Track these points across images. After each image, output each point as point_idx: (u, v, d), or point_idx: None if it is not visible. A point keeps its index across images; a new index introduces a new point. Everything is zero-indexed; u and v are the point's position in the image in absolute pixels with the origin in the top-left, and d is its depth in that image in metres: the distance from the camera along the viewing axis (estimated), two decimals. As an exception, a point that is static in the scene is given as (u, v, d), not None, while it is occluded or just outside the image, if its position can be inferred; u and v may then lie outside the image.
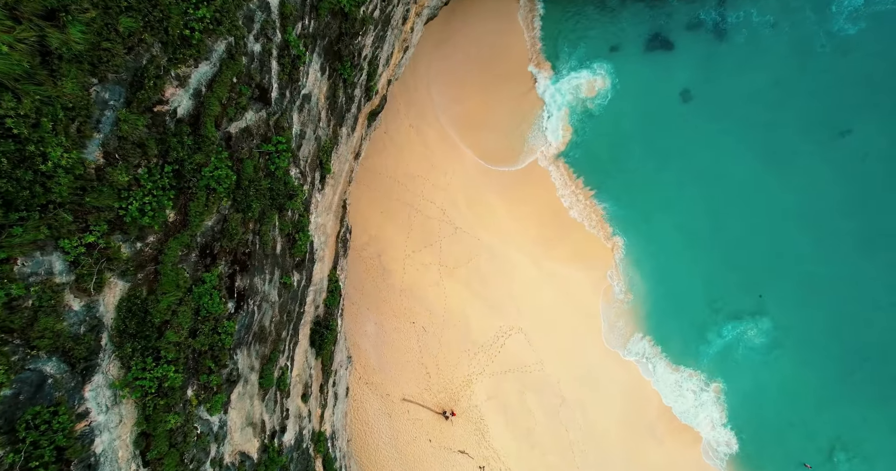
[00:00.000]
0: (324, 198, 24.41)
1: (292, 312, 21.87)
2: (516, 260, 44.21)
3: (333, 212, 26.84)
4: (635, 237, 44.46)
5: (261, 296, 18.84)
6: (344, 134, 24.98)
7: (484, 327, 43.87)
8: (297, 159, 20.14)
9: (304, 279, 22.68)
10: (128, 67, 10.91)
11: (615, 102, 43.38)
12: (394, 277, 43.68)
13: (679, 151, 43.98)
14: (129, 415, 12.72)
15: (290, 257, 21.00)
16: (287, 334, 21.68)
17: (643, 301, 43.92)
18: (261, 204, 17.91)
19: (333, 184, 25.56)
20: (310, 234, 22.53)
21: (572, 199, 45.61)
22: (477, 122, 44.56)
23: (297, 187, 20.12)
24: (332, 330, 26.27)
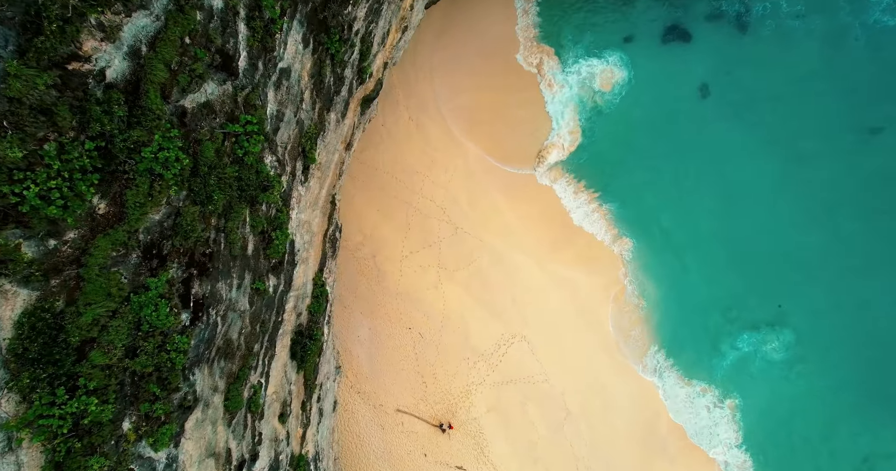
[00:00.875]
0: (308, 192, 21.47)
1: (267, 322, 18.94)
2: (520, 263, 41.28)
3: (320, 208, 23.91)
4: (646, 241, 41.54)
5: (226, 304, 15.91)
6: (332, 120, 22.05)
7: (485, 334, 40.95)
8: (272, 145, 17.21)
9: (282, 284, 19.75)
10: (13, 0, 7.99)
11: (628, 97, 40.48)
12: (389, 279, 40.78)
13: (695, 150, 41.07)
14: (33, 463, 9.79)
15: (264, 259, 18.07)
16: (261, 348, 18.74)
17: (654, 309, 40.99)
18: (226, 196, 14.99)
19: (320, 176, 22.62)
20: (289, 232, 19.61)
21: (578, 203, 42.74)
22: (481, 116, 41.63)
23: (272, 178, 17.20)
24: (317, 340, 23.34)
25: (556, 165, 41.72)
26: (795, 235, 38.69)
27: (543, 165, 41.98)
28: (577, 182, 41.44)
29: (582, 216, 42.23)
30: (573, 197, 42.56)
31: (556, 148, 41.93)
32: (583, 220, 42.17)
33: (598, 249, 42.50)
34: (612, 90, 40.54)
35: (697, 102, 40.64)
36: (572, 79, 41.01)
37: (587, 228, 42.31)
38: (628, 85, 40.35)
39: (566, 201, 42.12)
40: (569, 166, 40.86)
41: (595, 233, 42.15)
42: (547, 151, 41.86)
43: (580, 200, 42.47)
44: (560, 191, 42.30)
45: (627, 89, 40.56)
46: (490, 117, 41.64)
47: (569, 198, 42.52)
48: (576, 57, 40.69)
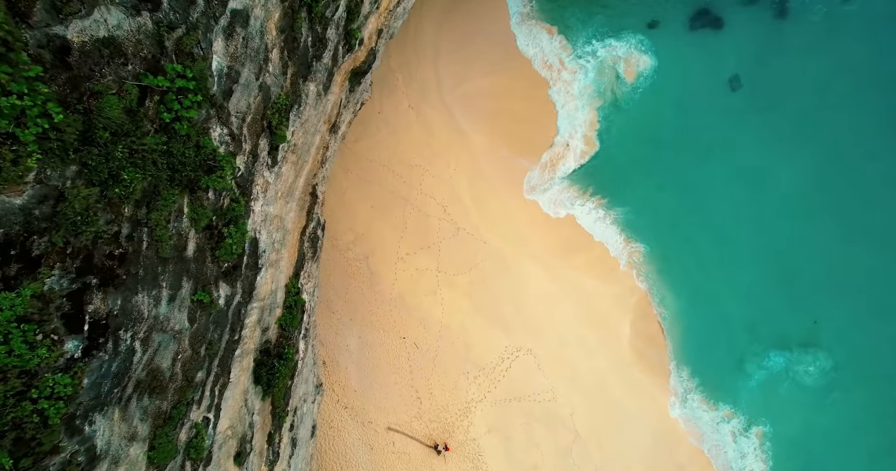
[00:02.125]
0: (279, 179, 17.20)
1: (217, 343, 14.67)
2: (527, 269, 37.01)
3: (297, 200, 19.64)
4: (666, 249, 37.26)
5: (149, 324, 11.65)
6: (311, 92, 17.79)
7: (487, 347, 36.69)
8: (222, 113, 12.94)
9: (239, 293, 15.47)
10: None
11: (651, 91, 36.17)
12: (383, 283, 36.55)
13: (722, 149, 36.83)
14: None
15: (212, 262, 13.81)
16: (207, 375, 14.48)
17: (675, 323, 36.72)
18: (147, 176, 10.74)
19: (296, 162, 18.34)
20: (249, 228, 15.34)
21: (589, 208, 38.50)
22: (490, 105, 37.35)
23: (222, 157, 12.94)
24: (288, 360, 19.05)
25: (566, 180, 37.36)
26: (837, 245, 34.45)
27: (554, 180, 37.65)
28: (589, 191, 37.16)
29: (594, 222, 37.92)
30: (584, 202, 38.27)
31: (562, 160, 37.59)
32: (595, 225, 37.86)
33: (613, 256, 38.28)
34: (636, 81, 36.24)
35: (727, 96, 36.43)
36: (588, 64, 36.67)
37: (600, 234, 38.03)
38: (652, 76, 36.07)
39: (579, 214, 37.95)
40: (582, 176, 36.60)
41: (609, 239, 37.87)
42: (555, 160, 37.53)
43: (591, 204, 38.17)
44: (573, 206, 38.09)
45: (651, 81, 36.26)
46: (500, 107, 37.37)
47: (580, 206, 38.27)
48: (588, 39, 36.36)
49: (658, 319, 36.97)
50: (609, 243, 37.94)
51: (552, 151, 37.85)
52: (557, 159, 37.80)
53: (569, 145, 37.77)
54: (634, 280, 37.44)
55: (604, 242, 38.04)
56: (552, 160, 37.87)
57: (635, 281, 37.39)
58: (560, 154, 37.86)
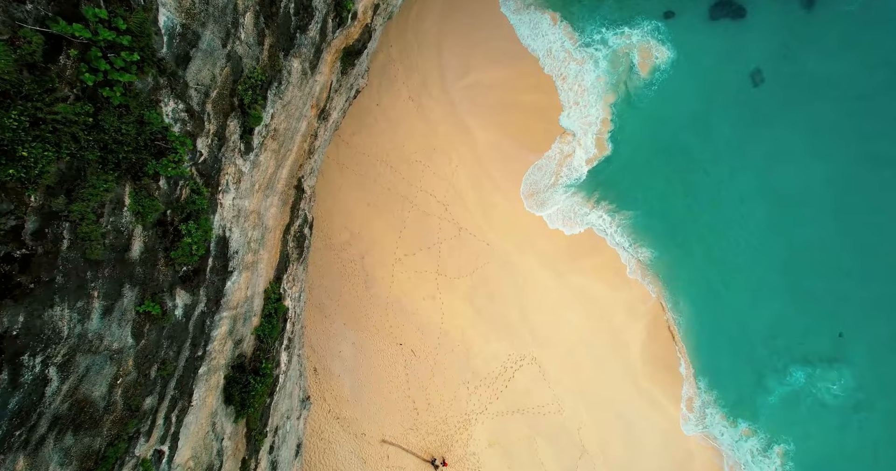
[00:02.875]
0: (256, 169, 14.65)
1: (172, 361, 12.12)
2: (533, 273, 34.45)
3: (278, 194, 17.09)
4: (681, 255, 34.68)
5: (71, 344, 9.11)
6: (296, 70, 15.24)
7: (488, 355, 34.15)
8: (176, 83, 10.39)
9: (203, 302, 12.92)
10: None
11: (667, 85, 33.61)
12: (379, 285, 34.03)
13: (741, 148, 34.25)
14: None
15: (165, 265, 11.27)
16: (158, 401, 11.93)
17: (689, 334, 34.15)
18: (63, 154, 8.21)
19: (277, 150, 15.79)
20: (215, 225, 12.79)
21: (600, 213, 35.93)
22: (496, 98, 34.79)
23: (175, 137, 10.38)
24: (266, 375, 16.49)
25: (571, 187, 34.75)
26: (866, 254, 31.89)
27: (557, 187, 35.03)
28: (595, 197, 34.59)
29: (605, 226, 35.33)
30: (589, 211, 35.65)
31: (569, 164, 34.94)
32: (606, 230, 35.29)
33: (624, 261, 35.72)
34: (651, 75, 33.62)
35: (748, 91, 33.87)
36: (599, 54, 34.05)
37: (612, 240, 35.46)
38: (668, 70, 33.46)
39: (597, 228, 35.37)
40: (590, 181, 34.02)
41: (620, 244, 35.31)
42: (560, 165, 34.90)
43: (599, 212, 35.55)
44: (585, 218, 35.49)
45: (667, 76, 33.66)
46: (507, 101, 34.80)
47: (589, 215, 35.68)
48: (597, 27, 33.70)
49: (671, 329, 34.41)
50: (619, 248, 35.38)
51: (557, 155, 35.23)
52: (562, 164, 35.20)
53: (576, 148, 35.18)
54: (647, 287, 34.87)
55: (614, 247, 35.48)
56: (557, 165, 35.26)
57: (647, 288, 34.82)
58: (566, 157, 35.27)
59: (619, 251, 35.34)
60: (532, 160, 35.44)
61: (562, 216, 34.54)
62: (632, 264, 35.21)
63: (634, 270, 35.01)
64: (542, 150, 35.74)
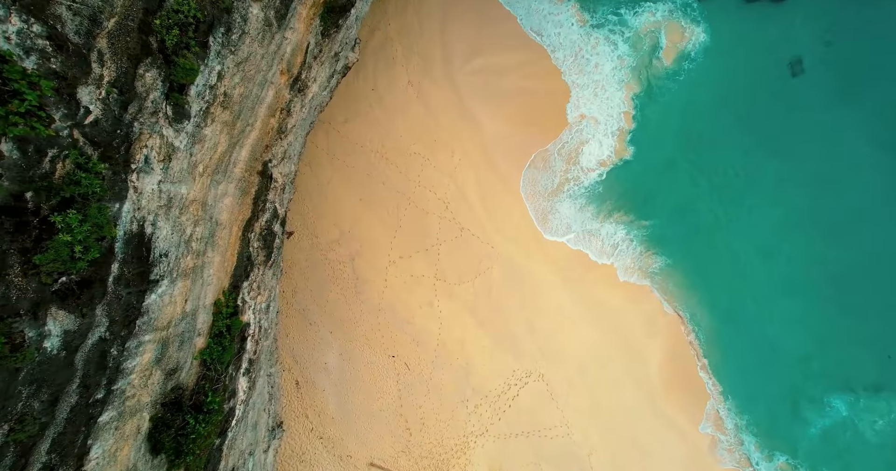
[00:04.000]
0: (198, 144, 10.85)
1: (42, 415, 8.29)
2: (542, 280, 30.63)
3: (237, 181, 13.28)
4: (706, 265, 30.82)
5: None
6: (255, 16, 11.46)
7: (491, 370, 30.33)
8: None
9: (105, 324, 9.10)
10: None
11: (696, 73, 29.79)
12: (371, 290, 30.27)
13: (775, 147, 30.38)
14: None
15: (23, 276, 7.43)
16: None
17: (715, 351, 30.31)
18: None
19: (230, 122, 11.98)
20: (125, 216, 8.95)
21: (615, 225, 32.02)
22: (506, 85, 30.98)
23: (20, 74, 6.53)
24: (213, 413, 12.66)
25: (581, 197, 30.88)
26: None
27: (561, 196, 31.12)
28: (608, 207, 30.76)
29: (622, 235, 31.47)
30: (601, 224, 31.76)
31: (579, 168, 31.02)
32: (622, 238, 31.43)
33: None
34: (678, 64, 29.76)
35: (785, 83, 30.02)
36: (617, 37, 30.13)
37: (626, 247, 31.62)
38: (696, 58, 29.60)
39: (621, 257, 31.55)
40: (604, 189, 30.21)
41: (637, 252, 31.46)
42: (566, 171, 30.99)
43: (612, 225, 31.64)
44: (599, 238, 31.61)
45: (695, 64, 29.79)
46: (518, 88, 30.98)
47: (600, 226, 31.81)
48: (614, 7, 29.79)
49: (694, 346, 30.55)
50: (638, 256, 31.54)
51: (568, 152, 31.34)
52: (571, 162, 31.29)
53: (591, 145, 31.25)
54: (665, 299, 31.01)
55: (634, 253, 31.64)
56: (566, 163, 31.35)
57: (668, 300, 30.96)
58: (577, 156, 31.34)
59: (637, 256, 31.51)
60: (543, 156, 31.58)
61: (572, 233, 30.74)
62: (651, 275, 31.36)
63: (655, 281, 31.15)
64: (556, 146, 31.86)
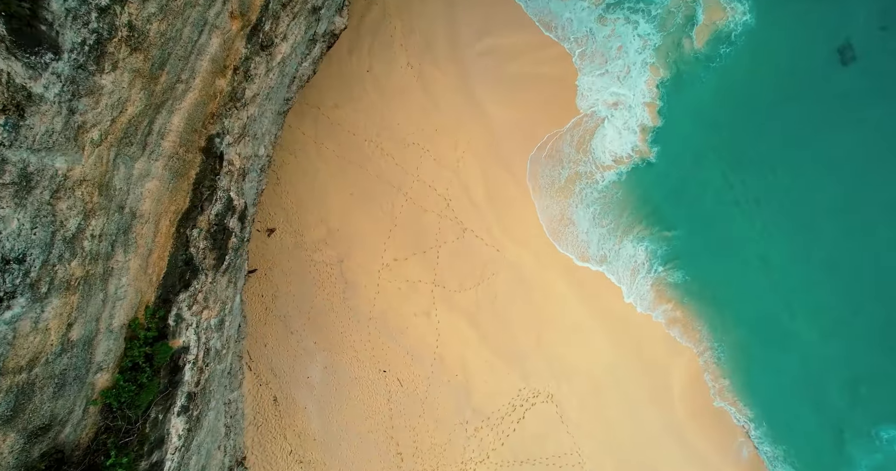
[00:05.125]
0: (89, 98, 7.04)
1: None
2: (555, 289, 26.87)
3: (165, 157, 9.56)
4: (734, 272, 27.03)
5: None
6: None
7: (493, 389, 26.60)
8: None
9: None
10: None
11: (733, 59, 26.02)
12: (361, 296, 26.60)
13: (820, 144, 26.61)
14: None
15: None
16: None
17: (746, 370, 26.54)
18: None
19: (148, 73, 8.29)
20: None
21: (637, 240, 28.15)
22: (520, 69, 27.24)
23: None
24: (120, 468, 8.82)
25: (594, 205, 27.04)
26: None
27: (573, 205, 27.29)
28: (625, 217, 26.96)
29: (643, 255, 27.63)
30: (622, 238, 27.95)
31: (590, 172, 27.19)
32: (643, 260, 27.59)
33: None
34: (712, 47, 25.96)
35: (834, 71, 26.25)
36: (638, 17, 26.32)
37: (646, 270, 27.80)
38: (735, 41, 25.84)
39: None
40: (621, 195, 26.44)
41: (659, 272, 27.63)
42: (573, 174, 27.16)
43: (639, 235, 27.82)
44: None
45: (733, 49, 26.01)
46: (534, 74, 27.22)
47: (618, 247, 27.98)
48: None
49: (722, 366, 26.76)
50: (659, 263, 27.73)
51: (577, 149, 27.52)
52: (581, 164, 27.47)
53: (606, 141, 27.42)
54: (690, 313, 27.23)
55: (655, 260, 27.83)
56: (575, 165, 27.52)
57: (692, 314, 27.18)
58: (589, 151, 27.52)
59: (658, 264, 27.71)
60: (554, 147, 27.79)
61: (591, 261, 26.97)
62: (673, 287, 27.56)
63: (677, 294, 27.37)
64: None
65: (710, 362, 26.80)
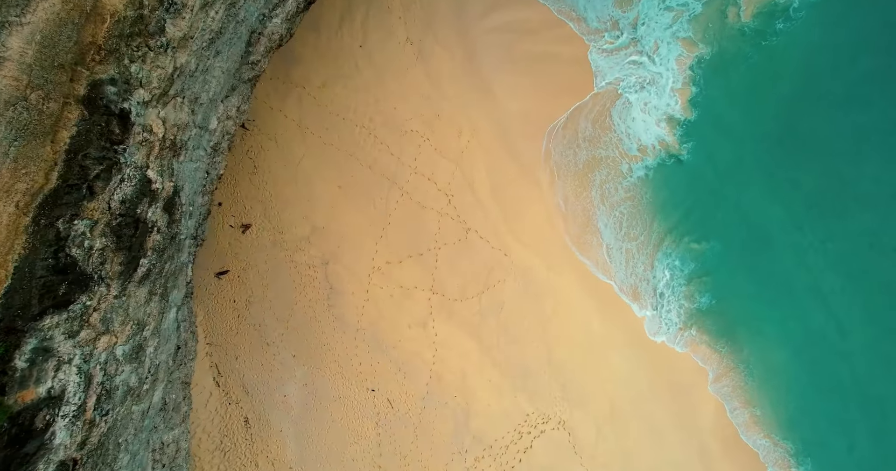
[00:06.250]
0: None
1: None
2: (569, 299, 22.98)
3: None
4: (771, 292, 23.03)
5: None
6: None
7: (497, 413, 22.73)
8: None
9: None
10: None
11: (798, 32, 21.83)
12: (348, 304, 22.79)
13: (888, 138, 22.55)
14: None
15: None
16: None
17: (787, 397, 22.62)
18: None
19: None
20: None
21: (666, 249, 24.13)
22: (532, 48, 23.33)
23: None
24: None
25: (618, 212, 23.05)
26: None
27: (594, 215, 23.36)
28: (649, 227, 22.89)
29: (668, 274, 23.63)
30: (652, 257, 23.97)
31: (610, 172, 23.20)
32: (669, 278, 23.57)
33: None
34: (765, 21, 21.87)
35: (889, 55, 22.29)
36: None
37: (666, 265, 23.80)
38: (801, 13, 21.68)
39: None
40: (650, 201, 22.45)
41: (685, 275, 23.60)
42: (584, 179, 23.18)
43: (668, 249, 23.80)
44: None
45: (796, 23, 21.89)
46: (548, 53, 23.32)
47: (650, 273, 23.99)
48: None
49: (760, 394, 22.81)
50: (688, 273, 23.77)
51: (595, 137, 23.57)
52: (601, 152, 23.51)
53: (633, 133, 23.46)
54: (720, 338, 23.28)
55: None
56: (593, 155, 23.56)
57: (722, 339, 23.23)
58: (610, 139, 23.57)
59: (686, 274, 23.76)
60: (570, 130, 23.84)
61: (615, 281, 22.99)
62: (703, 304, 23.61)
63: (705, 316, 23.41)
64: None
65: (742, 390, 22.86)
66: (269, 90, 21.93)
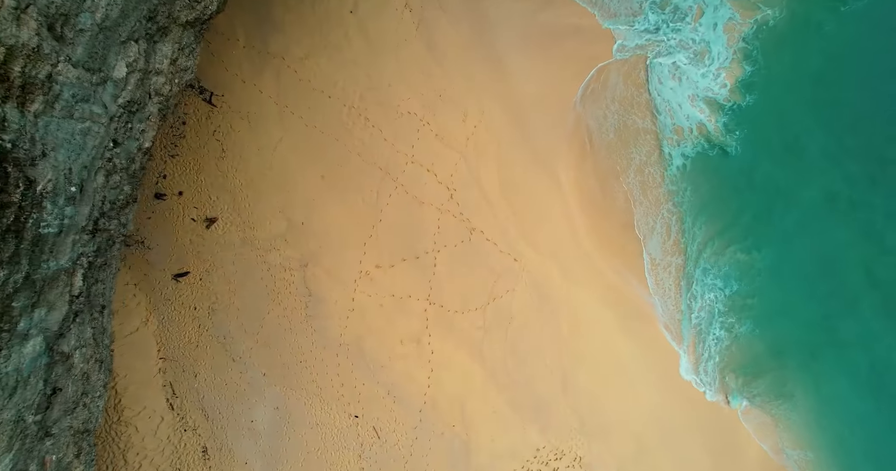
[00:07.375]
0: None
1: None
2: (590, 314, 19.15)
3: None
4: (829, 315, 19.09)
5: None
6: None
7: (503, 446, 19.00)
8: None
9: None
10: None
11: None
12: (330, 315, 19.15)
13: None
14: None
15: None
16: None
17: (835, 437, 18.76)
18: None
19: None
20: None
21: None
22: (553, 19, 19.52)
23: None
24: None
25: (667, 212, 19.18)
26: None
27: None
28: (711, 241, 18.97)
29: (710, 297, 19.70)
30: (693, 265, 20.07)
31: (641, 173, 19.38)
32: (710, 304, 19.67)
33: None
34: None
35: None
36: None
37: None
38: None
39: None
40: (694, 203, 18.54)
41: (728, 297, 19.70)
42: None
43: (710, 260, 19.91)
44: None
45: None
46: (571, 26, 19.53)
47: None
48: None
49: (811, 434, 18.95)
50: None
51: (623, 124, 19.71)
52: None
53: (672, 126, 19.58)
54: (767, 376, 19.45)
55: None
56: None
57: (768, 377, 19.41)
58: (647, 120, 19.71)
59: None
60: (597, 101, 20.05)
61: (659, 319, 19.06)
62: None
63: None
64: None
65: (787, 427, 18.95)
66: (240, 59, 18.17)
